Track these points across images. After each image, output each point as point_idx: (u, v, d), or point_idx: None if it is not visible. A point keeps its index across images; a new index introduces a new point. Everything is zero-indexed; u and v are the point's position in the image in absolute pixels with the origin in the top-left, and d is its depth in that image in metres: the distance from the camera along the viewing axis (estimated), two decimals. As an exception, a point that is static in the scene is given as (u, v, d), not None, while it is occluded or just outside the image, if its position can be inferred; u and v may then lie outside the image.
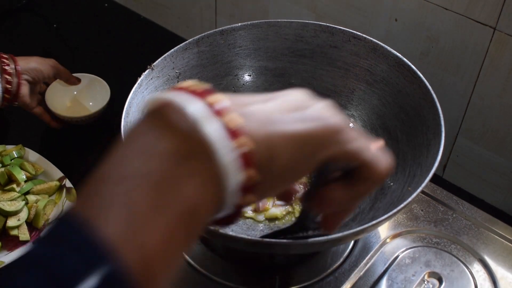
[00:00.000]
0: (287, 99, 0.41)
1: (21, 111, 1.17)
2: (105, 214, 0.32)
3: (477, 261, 0.82)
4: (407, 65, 0.82)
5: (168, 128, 0.35)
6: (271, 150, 0.38)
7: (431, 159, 0.72)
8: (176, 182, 0.34)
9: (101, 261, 0.31)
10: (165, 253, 0.34)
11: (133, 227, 0.33)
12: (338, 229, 0.50)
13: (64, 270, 0.30)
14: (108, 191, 0.34)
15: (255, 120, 0.38)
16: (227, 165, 0.35)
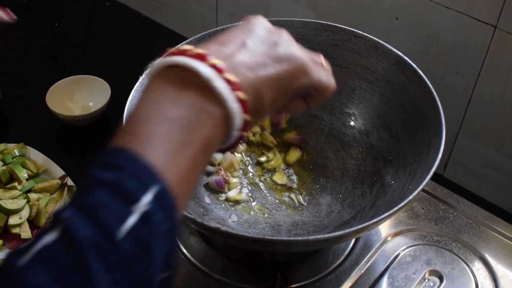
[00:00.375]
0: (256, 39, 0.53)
1: (23, 109, 1.17)
2: (151, 148, 0.43)
3: (478, 259, 0.83)
4: (408, 63, 0.82)
5: (188, 85, 0.46)
6: (257, 93, 0.50)
7: (432, 157, 0.72)
8: (198, 125, 0.45)
9: (153, 181, 0.41)
10: (191, 175, 0.45)
11: (171, 157, 0.43)
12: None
13: (128, 188, 0.40)
14: (150, 131, 0.44)
15: (242, 72, 0.49)
16: (233, 111, 0.47)
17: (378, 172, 0.83)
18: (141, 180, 0.40)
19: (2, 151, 1.03)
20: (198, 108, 0.46)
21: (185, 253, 0.83)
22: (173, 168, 0.43)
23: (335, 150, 0.90)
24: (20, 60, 1.31)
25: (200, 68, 0.46)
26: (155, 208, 0.40)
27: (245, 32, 0.53)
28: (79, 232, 0.38)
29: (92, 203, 0.39)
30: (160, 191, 0.41)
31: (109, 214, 0.39)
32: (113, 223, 0.38)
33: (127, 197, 0.40)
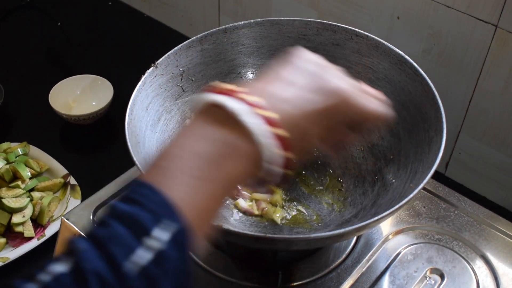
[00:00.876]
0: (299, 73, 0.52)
1: (26, 109, 1.18)
2: (171, 182, 0.43)
3: (479, 257, 0.83)
4: (409, 63, 0.82)
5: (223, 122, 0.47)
6: (302, 129, 0.49)
7: (433, 156, 0.72)
8: (222, 160, 0.46)
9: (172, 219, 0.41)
10: (210, 211, 0.45)
11: (191, 192, 0.43)
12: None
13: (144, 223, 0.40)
14: (175, 165, 0.44)
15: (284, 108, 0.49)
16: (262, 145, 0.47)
17: (379, 171, 0.84)
18: (155, 213, 0.40)
19: (5, 150, 1.04)
20: (225, 143, 0.46)
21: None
22: (192, 203, 0.43)
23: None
24: (23, 60, 1.31)
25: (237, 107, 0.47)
26: (172, 247, 0.40)
27: (287, 67, 0.54)
28: (88, 264, 0.38)
29: (106, 235, 0.40)
30: (179, 231, 0.40)
31: (119, 247, 0.39)
32: (122, 257, 0.38)
33: (141, 231, 0.40)
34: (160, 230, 0.40)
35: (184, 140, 0.47)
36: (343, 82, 0.54)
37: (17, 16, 1.43)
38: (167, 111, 0.86)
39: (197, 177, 0.44)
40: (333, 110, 0.52)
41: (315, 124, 0.51)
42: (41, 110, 1.14)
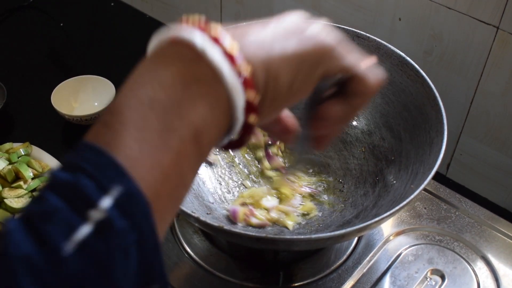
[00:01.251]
0: (283, 24, 0.44)
1: (28, 109, 1.18)
2: (118, 139, 0.35)
3: (480, 258, 0.83)
4: (410, 64, 0.82)
5: (177, 60, 0.38)
6: (270, 71, 0.40)
7: (434, 157, 0.73)
8: (183, 106, 0.37)
9: (116, 182, 0.33)
10: (177, 170, 0.36)
11: (146, 150, 0.35)
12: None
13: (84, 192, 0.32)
14: (120, 119, 0.36)
15: (254, 45, 0.40)
16: (232, 87, 0.38)
17: (380, 172, 0.84)
18: (100, 181, 0.33)
19: (7, 150, 1.04)
20: (183, 85, 0.37)
21: (189, 252, 0.84)
22: (148, 162, 0.35)
23: (338, 150, 0.90)
24: (25, 60, 1.32)
25: (196, 38, 0.38)
26: (116, 214, 0.32)
27: (275, 19, 0.45)
28: (17, 249, 0.31)
29: (40, 213, 0.32)
30: (124, 193, 0.33)
31: (55, 225, 0.31)
32: (59, 235, 0.31)
33: (81, 202, 0.32)
34: (104, 197, 0.32)
35: (134, 86, 0.38)
36: (331, 33, 0.45)
37: (19, 16, 1.44)
38: (169, 112, 0.86)
39: (150, 129, 0.35)
40: (312, 57, 0.43)
41: (287, 69, 0.41)
42: (43, 110, 1.15)
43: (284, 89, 0.41)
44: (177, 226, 0.87)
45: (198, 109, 0.37)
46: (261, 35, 0.42)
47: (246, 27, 0.42)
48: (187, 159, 0.37)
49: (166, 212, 0.37)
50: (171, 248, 0.84)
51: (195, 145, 0.37)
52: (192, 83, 0.37)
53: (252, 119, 0.40)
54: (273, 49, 0.41)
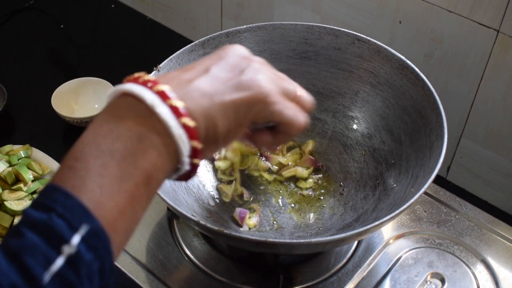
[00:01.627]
0: (223, 65, 0.51)
1: (29, 111, 1.18)
2: (84, 185, 0.42)
3: (480, 262, 0.83)
4: (410, 67, 0.82)
5: (130, 114, 0.45)
6: (210, 120, 0.47)
7: (434, 161, 0.73)
8: (138, 155, 0.44)
9: (83, 221, 0.40)
10: (130, 209, 0.43)
11: (106, 193, 0.42)
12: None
13: (57, 230, 0.39)
14: (86, 166, 0.42)
15: (196, 96, 0.47)
16: (179, 138, 0.45)
17: (380, 175, 0.84)
18: (70, 221, 0.40)
19: (8, 152, 1.04)
20: (137, 137, 0.44)
21: (189, 255, 0.84)
22: (108, 204, 0.42)
23: (338, 153, 0.90)
24: (26, 62, 1.32)
25: (145, 94, 0.45)
26: (84, 249, 0.39)
27: (213, 58, 0.52)
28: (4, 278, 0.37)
29: (20, 246, 0.39)
30: (90, 231, 0.40)
31: (35, 259, 0.38)
32: (38, 267, 0.38)
33: (55, 239, 0.39)
34: (75, 235, 0.39)
35: (95, 136, 0.44)
36: (265, 78, 0.51)
37: (20, 18, 1.44)
38: (169, 114, 0.86)
39: (110, 176, 0.42)
40: (246, 105, 0.49)
41: (224, 117, 0.48)
42: (44, 112, 1.15)
43: (222, 134, 0.48)
44: (177, 229, 0.87)
45: (149, 158, 0.44)
46: (203, 84, 0.48)
47: (188, 72, 0.49)
48: (139, 199, 0.44)
49: (121, 242, 0.44)
50: (171, 251, 0.84)
51: (146, 187, 0.44)
52: (145, 136, 0.44)
53: (196, 161, 0.47)
54: (213, 100, 0.47)
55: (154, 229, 0.87)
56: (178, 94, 0.46)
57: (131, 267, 0.82)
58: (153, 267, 0.82)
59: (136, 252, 0.84)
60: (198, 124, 0.46)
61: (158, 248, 0.84)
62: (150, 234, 0.86)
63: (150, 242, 0.85)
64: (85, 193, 0.41)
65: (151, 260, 0.83)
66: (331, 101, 0.92)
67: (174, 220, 0.88)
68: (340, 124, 0.91)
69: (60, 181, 0.42)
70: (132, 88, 0.45)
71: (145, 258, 0.83)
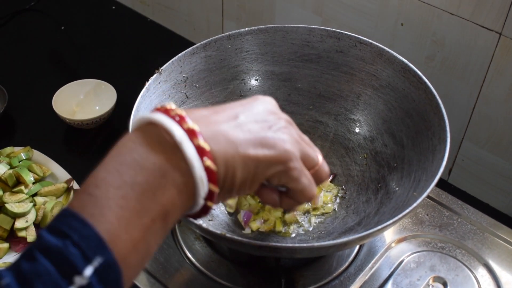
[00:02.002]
0: (251, 116, 0.51)
1: (29, 113, 1.18)
2: (102, 214, 0.41)
3: (482, 265, 0.83)
4: (412, 70, 0.82)
5: (156, 146, 0.44)
6: (230, 169, 0.47)
7: (436, 164, 0.72)
8: (158, 191, 0.43)
9: (97, 253, 0.40)
10: (144, 244, 0.43)
11: (123, 225, 0.41)
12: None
13: (70, 259, 0.39)
14: (105, 195, 0.42)
15: (221, 143, 0.47)
16: (199, 180, 0.45)
17: (382, 179, 0.84)
18: (85, 251, 0.39)
19: (8, 154, 1.04)
20: (161, 173, 0.44)
21: (190, 258, 0.83)
22: (124, 237, 0.41)
23: (340, 156, 0.90)
24: (27, 64, 1.31)
25: (174, 129, 0.45)
26: (95, 282, 0.39)
27: (244, 106, 0.52)
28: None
29: (32, 272, 0.38)
30: (103, 264, 0.39)
31: (46, 286, 0.38)
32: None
33: (68, 268, 0.39)
34: (88, 266, 0.39)
35: (117, 164, 0.44)
36: (291, 141, 0.51)
37: (21, 19, 1.43)
38: (171, 117, 0.86)
39: (129, 209, 0.42)
40: (267, 163, 0.49)
41: (244, 169, 0.48)
42: (45, 114, 1.14)
43: (238, 185, 0.49)
44: (178, 232, 0.86)
45: (169, 194, 0.44)
46: (230, 131, 0.48)
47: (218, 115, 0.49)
48: (154, 235, 0.44)
49: (132, 276, 0.44)
50: (172, 254, 0.84)
51: (162, 223, 0.44)
52: (168, 172, 0.44)
53: (210, 204, 0.48)
54: (238, 149, 0.48)
55: (155, 232, 0.87)
56: (205, 135, 0.46)
57: (132, 270, 0.82)
58: (154, 270, 0.82)
59: (137, 255, 0.83)
60: (219, 169, 0.46)
61: (159, 251, 0.84)
62: (151, 237, 0.86)
63: (151, 245, 0.85)
64: (102, 224, 0.41)
65: (152, 263, 0.83)
66: (333, 104, 0.91)
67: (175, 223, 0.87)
68: (342, 127, 0.91)
69: (79, 208, 0.41)
70: (162, 120, 0.45)
71: (146, 261, 0.83)
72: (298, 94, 0.93)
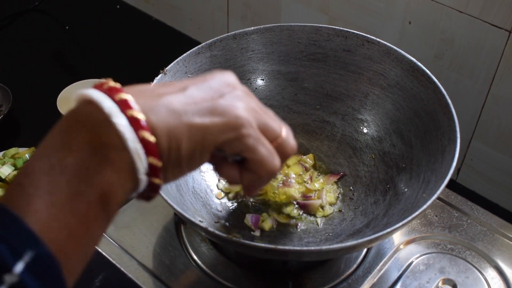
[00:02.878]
0: (203, 87, 0.47)
1: (34, 113, 1.18)
2: (30, 203, 0.38)
3: (492, 268, 0.82)
4: (421, 69, 0.81)
5: (87, 123, 0.41)
6: (174, 140, 0.43)
7: (446, 165, 0.71)
8: (91, 171, 0.40)
9: (28, 246, 0.36)
10: (84, 231, 0.40)
11: (53, 213, 0.38)
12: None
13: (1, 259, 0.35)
14: (34, 183, 0.39)
15: (163, 111, 0.43)
16: (134, 154, 0.41)
17: (391, 180, 0.83)
18: (14, 246, 0.36)
19: (13, 155, 1.03)
20: (92, 151, 0.40)
21: (196, 260, 0.83)
22: (56, 225, 0.38)
23: (347, 157, 0.89)
24: (31, 64, 1.31)
25: (104, 102, 0.41)
26: (30, 278, 0.35)
27: (197, 79, 0.48)
28: None
29: None
30: (36, 257, 0.36)
31: None
32: None
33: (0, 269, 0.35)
34: (19, 262, 0.35)
35: (48, 150, 0.40)
36: (245, 108, 0.47)
37: (25, 20, 1.43)
38: (176, 118, 0.85)
39: (60, 194, 0.38)
40: (215, 131, 0.45)
41: (190, 139, 0.44)
42: (49, 115, 1.14)
43: (186, 157, 0.45)
44: (184, 234, 0.86)
45: (105, 174, 0.40)
46: (174, 101, 0.44)
47: (164, 88, 0.45)
48: (94, 220, 0.40)
49: (76, 267, 0.40)
50: (178, 256, 0.83)
51: (102, 206, 0.40)
52: (99, 149, 0.40)
53: (157, 181, 0.44)
54: (181, 119, 0.44)
55: (160, 234, 0.86)
56: (143, 106, 0.42)
57: (137, 272, 0.81)
58: (159, 273, 0.81)
59: (142, 257, 0.83)
60: (160, 141, 0.43)
61: (165, 253, 0.83)
62: (157, 238, 0.85)
63: (156, 247, 0.84)
64: (31, 214, 0.37)
65: (157, 266, 0.82)
66: (340, 104, 0.90)
67: (181, 225, 0.87)
68: (349, 127, 0.90)
69: (7, 201, 0.38)
70: (92, 94, 0.42)
71: (151, 263, 0.82)
72: (305, 94, 0.92)
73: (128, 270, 0.81)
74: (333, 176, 0.88)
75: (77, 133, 0.40)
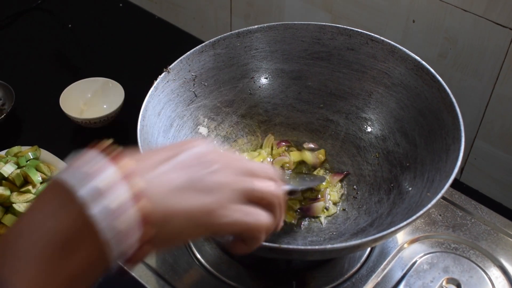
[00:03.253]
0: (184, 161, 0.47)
1: (36, 112, 1.17)
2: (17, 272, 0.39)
3: (496, 267, 0.81)
4: (425, 68, 0.81)
5: (60, 208, 0.41)
6: (165, 223, 0.44)
7: (451, 164, 0.71)
8: (64, 257, 0.40)
9: None
10: None
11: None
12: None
13: None
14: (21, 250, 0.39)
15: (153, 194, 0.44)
16: (109, 242, 0.41)
17: (395, 179, 0.82)
18: None
19: (16, 154, 1.03)
20: (67, 238, 0.40)
21: (200, 259, 0.82)
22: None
23: (351, 156, 0.89)
24: (34, 63, 1.31)
25: (81, 188, 0.41)
26: None
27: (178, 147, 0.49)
28: None
29: None
30: None
31: None
32: None
33: None
34: None
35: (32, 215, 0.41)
36: (222, 188, 0.48)
37: (27, 18, 1.43)
38: (180, 116, 0.85)
39: (32, 283, 0.39)
40: (201, 216, 0.47)
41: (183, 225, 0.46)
42: (52, 113, 1.14)
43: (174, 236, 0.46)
44: (187, 232, 0.85)
45: (76, 259, 0.40)
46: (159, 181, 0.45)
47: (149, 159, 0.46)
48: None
49: None
50: (182, 255, 0.83)
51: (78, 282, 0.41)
52: (74, 236, 0.40)
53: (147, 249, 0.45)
54: (171, 201, 0.45)
55: (164, 233, 0.86)
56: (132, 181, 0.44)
57: (140, 271, 0.81)
58: (163, 272, 0.81)
59: (146, 256, 0.82)
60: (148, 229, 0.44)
61: (168, 252, 0.83)
62: (160, 237, 0.85)
63: (160, 246, 0.84)
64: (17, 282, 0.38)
65: (161, 265, 0.82)
66: (344, 103, 0.90)
67: (184, 224, 0.86)
68: (353, 126, 0.90)
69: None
70: (68, 177, 0.42)
71: (155, 262, 0.82)
72: (308, 93, 0.92)
73: (131, 268, 0.81)
74: (337, 175, 0.87)
75: (53, 217, 0.41)
